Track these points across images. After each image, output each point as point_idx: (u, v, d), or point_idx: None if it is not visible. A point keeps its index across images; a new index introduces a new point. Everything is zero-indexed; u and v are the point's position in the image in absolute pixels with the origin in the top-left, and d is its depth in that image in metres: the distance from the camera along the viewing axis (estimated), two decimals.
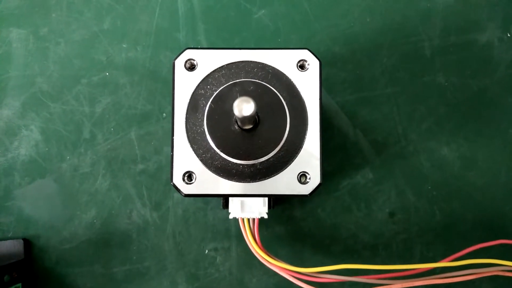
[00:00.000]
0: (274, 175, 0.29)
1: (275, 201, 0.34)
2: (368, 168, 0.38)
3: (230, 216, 0.34)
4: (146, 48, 0.40)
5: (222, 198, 0.34)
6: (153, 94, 0.39)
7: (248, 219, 0.33)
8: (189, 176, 0.29)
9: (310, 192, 0.29)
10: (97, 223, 0.38)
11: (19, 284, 0.34)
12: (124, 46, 0.40)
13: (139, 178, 0.38)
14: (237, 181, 0.29)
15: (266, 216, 0.33)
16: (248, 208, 0.33)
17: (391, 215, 0.38)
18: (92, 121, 0.39)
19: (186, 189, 0.29)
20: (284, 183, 0.29)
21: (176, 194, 0.38)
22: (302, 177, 0.29)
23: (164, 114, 0.39)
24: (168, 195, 0.38)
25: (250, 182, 0.29)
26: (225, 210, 0.34)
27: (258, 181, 0.29)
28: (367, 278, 0.32)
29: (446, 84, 0.39)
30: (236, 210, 0.33)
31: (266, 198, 0.34)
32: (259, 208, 0.33)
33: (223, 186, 0.29)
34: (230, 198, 0.33)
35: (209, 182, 0.29)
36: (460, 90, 0.39)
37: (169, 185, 0.38)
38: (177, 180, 0.29)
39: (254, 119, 0.27)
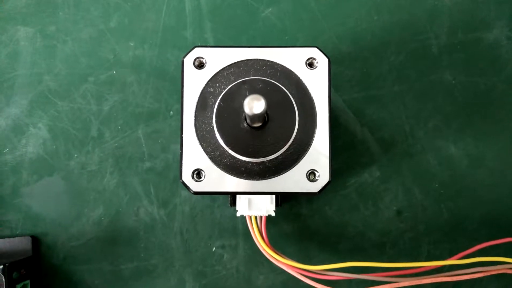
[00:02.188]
0: (283, 173, 0.29)
1: (282, 199, 0.34)
2: (375, 166, 0.38)
3: (238, 214, 0.34)
4: (153, 46, 0.40)
5: (229, 195, 0.34)
6: (160, 92, 0.39)
7: (256, 217, 0.34)
8: (198, 174, 0.29)
9: (319, 190, 0.29)
10: (105, 220, 0.38)
11: (28, 281, 0.35)
12: (131, 44, 0.40)
13: (146, 176, 0.38)
14: (246, 179, 0.29)
15: (273, 214, 0.33)
16: (256, 205, 0.33)
17: (398, 213, 0.38)
18: (100, 119, 0.39)
19: (195, 186, 0.29)
20: (293, 181, 0.29)
21: (184, 192, 0.38)
22: (311, 175, 0.29)
23: (171, 112, 0.39)
24: (176, 192, 0.38)
25: (259, 180, 0.29)
26: (233, 207, 0.34)
27: (267, 179, 0.29)
28: (375, 276, 0.32)
29: (454, 82, 0.39)
30: (244, 208, 0.34)
31: (274, 196, 0.34)
32: (266, 206, 0.33)
33: (232, 183, 0.29)
34: (237, 196, 0.33)
35: (218, 180, 0.29)
36: (467, 89, 0.39)
37: (177, 182, 0.38)
38: (186, 177, 0.29)
39: (263, 117, 0.27)
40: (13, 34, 0.40)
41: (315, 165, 0.29)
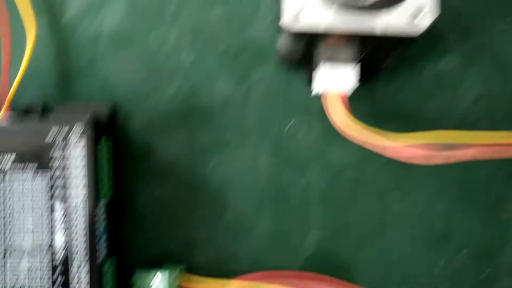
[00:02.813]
0: (386, 12, 0.29)
1: (364, 74, 0.34)
2: (454, 55, 0.38)
3: (314, 92, 0.34)
4: None
5: (306, 73, 0.34)
6: None
7: (333, 94, 0.33)
8: (297, 14, 0.29)
9: (424, 30, 0.29)
10: (180, 95, 0.38)
11: (110, 136, 0.35)
12: None
13: (223, 55, 0.38)
14: (347, 18, 0.29)
15: (351, 91, 0.33)
16: (333, 82, 0.33)
17: (476, 100, 0.38)
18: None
19: (298, 24, 0.29)
20: (395, 20, 0.29)
21: (259, 73, 0.38)
22: (415, 15, 0.29)
23: None
24: (251, 71, 0.38)
25: (361, 18, 0.29)
26: (308, 86, 0.34)
27: (370, 16, 0.29)
28: (457, 146, 0.32)
29: None
30: (321, 85, 0.34)
31: (354, 72, 0.34)
32: (344, 82, 0.33)
33: (333, 21, 0.29)
34: (314, 72, 0.33)
35: (319, 19, 0.29)
36: None
37: (252, 63, 0.38)
38: (287, 19, 0.29)
39: None
40: None
41: (419, 6, 0.29)
